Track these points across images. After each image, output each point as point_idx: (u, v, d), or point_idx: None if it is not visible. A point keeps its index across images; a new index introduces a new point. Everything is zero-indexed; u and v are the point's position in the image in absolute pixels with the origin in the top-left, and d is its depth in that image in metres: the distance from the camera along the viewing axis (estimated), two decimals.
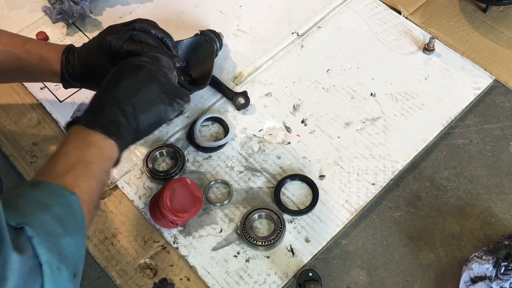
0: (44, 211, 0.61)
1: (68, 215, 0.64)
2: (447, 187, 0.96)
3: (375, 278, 0.88)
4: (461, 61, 1.08)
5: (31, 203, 0.61)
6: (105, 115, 0.75)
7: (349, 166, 0.97)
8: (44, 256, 0.57)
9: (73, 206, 0.65)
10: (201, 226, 0.93)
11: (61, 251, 0.60)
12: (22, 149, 1.02)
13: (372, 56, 1.10)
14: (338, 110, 1.04)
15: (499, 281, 0.80)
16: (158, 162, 0.99)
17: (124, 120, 0.76)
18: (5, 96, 1.08)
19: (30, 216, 0.59)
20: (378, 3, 1.18)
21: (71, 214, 0.64)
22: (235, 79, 1.08)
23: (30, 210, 0.60)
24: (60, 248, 0.60)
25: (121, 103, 0.76)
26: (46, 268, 0.57)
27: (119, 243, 0.92)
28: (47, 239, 0.58)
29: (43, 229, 0.59)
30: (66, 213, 0.63)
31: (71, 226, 0.63)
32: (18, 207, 0.60)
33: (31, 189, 0.64)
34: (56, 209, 0.62)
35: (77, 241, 0.64)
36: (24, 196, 0.63)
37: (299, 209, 0.93)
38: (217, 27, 1.10)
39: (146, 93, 0.79)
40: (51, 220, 0.61)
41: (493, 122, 1.02)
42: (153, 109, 0.79)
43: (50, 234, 0.60)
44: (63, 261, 0.60)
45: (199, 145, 0.99)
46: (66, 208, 0.64)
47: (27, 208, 0.60)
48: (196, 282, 0.88)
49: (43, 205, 0.62)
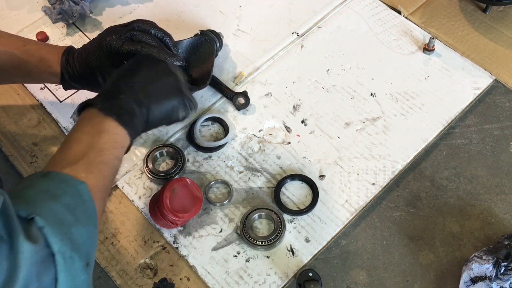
0: (54, 200, 0.61)
1: (78, 204, 0.64)
2: (447, 187, 0.96)
3: (375, 278, 0.88)
4: (461, 61, 1.08)
5: (40, 194, 0.61)
6: (120, 102, 0.75)
7: (349, 166, 0.97)
8: (56, 245, 0.57)
9: (83, 195, 0.65)
10: (201, 226, 0.93)
11: (73, 240, 0.60)
12: (22, 149, 1.02)
13: (372, 56, 1.10)
14: (338, 110, 1.04)
15: (499, 281, 0.80)
16: (158, 162, 0.99)
17: (138, 109, 0.76)
18: (5, 96, 1.08)
19: (40, 206, 0.59)
20: (378, 3, 1.18)
21: (81, 203, 0.64)
22: (235, 79, 1.08)
23: (39, 200, 0.60)
24: (72, 237, 0.60)
25: (137, 92, 0.77)
26: (59, 257, 0.57)
27: (119, 243, 0.92)
28: (58, 228, 0.58)
29: (54, 218, 0.59)
30: (76, 202, 0.63)
31: (81, 215, 0.63)
32: (28, 198, 0.60)
33: (40, 180, 0.64)
34: (66, 198, 0.62)
35: (89, 230, 0.64)
36: (34, 187, 0.63)
37: (299, 209, 0.92)
38: (217, 27, 1.10)
39: (162, 86, 0.80)
40: (61, 209, 0.61)
41: (493, 122, 1.02)
42: (166, 102, 0.80)
43: (61, 223, 0.59)
44: (75, 250, 0.59)
45: (199, 145, 0.99)
46: (76, 197, 0.64)
47: (37, 199, 0.60)
48: (196, 282, 0.88)
49: (52, 195, 0.61)
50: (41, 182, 0.63)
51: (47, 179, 0.64)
